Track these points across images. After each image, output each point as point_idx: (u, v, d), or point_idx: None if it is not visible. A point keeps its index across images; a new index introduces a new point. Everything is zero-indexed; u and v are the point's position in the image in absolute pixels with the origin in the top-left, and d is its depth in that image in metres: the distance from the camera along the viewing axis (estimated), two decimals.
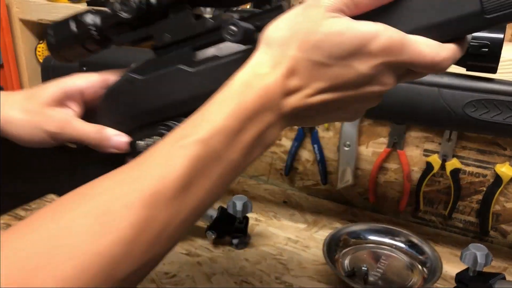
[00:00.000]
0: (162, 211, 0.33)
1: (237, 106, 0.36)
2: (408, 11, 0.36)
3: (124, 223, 0.31)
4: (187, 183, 0.34)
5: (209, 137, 0.35)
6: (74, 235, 0.30)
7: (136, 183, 0.33)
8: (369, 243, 0.86)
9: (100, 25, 0.46)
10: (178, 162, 0.34)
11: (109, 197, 0.33)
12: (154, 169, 0.34)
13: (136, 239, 0.32)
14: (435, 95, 0.63)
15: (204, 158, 0.34)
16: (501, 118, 0.60)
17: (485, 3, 0.34)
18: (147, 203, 0.32)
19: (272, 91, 0.36)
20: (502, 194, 0.88)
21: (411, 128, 0.92)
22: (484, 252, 0.68)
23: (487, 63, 0.56)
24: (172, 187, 0.33)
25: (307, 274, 0.80)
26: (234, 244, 0.86)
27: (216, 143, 0.35)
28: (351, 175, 0.97)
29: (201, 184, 0.35)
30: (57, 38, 0.47)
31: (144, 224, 0.32)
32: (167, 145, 0.36)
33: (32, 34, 1.19)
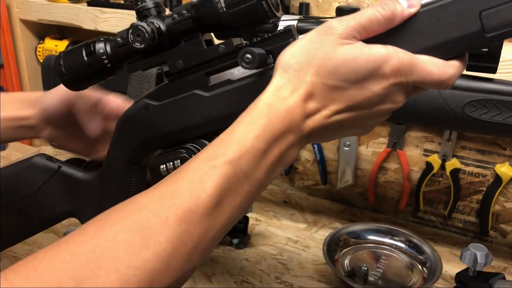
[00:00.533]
0: (196, 227, 0.35)
1: (263, 128, 0.38)
2: (414, 33, 0.39)
3: (162, 238, 0.33)
4: (218, 201, 0.36)
5: (238, 158, 0.37)
6: (117, 249, 0.32)
7: (171, 200, 0.35)
8: (369, 243, 0.86)
9: (111, 53, 0.47)
10: (210, 180, 0.36)
11: (146, 213, 0.34)
12: (188, 187, 0.36)
13: (173, 253, 0.34)
14: (434, 95, 0.63)
15: (234, 177, 0.37)
16: (501, 118, 0.60)
17: (485, 23, 0.36)
18: (182, 219, 0.34)
19: (294, 114, 0.38)
20: (502, 194, 0.88)
21: (411, 128, 0.92)
22: (484, 252, 0.69)
23: (487, 63, 0.56)
24: (205, 204, 0.35)
25: (307, 274, 0.80)
26: (234, 244, 0.86)
27: (244, 163, 0.37)
28: (351, 175, 0.97)
29: (230, 201, 0.37)
30: (68, 67, 0.48)
31: (179, 239, 0.34)
32: (198, 164, 0.37)
33: (32, 34, 1.19)
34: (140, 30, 0.43)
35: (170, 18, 0.45)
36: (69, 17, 1.05)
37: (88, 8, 1.02)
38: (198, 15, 0.44)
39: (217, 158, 0.37)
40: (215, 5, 0.42)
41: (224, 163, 0.36)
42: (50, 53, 1.16)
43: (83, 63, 0.47)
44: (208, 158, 0.37)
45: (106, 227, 0.34)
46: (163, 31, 0.45)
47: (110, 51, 0.47)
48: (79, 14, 1.03)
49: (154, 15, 0.45)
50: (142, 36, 0.44)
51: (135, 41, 0.44)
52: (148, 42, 0.44)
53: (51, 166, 0.55)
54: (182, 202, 0.35)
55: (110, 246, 0.32)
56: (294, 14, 0.94)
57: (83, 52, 0.47)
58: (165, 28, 0.45)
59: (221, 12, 0.42)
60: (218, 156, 0.37)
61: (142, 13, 0.46)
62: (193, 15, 0.44)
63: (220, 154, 0.37)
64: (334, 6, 0.87)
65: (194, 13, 0.44)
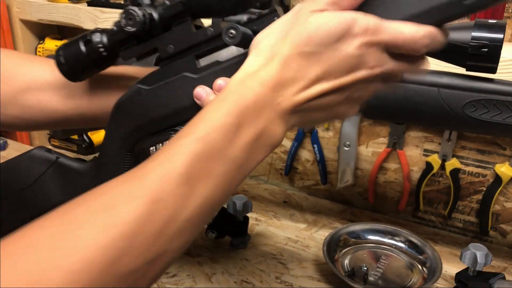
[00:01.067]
0: (164, 207, 0.34)
1: (234, 103, 0.37)
2: (391, 3, 0.39)
3: (127, 218, 0.32)
4: (189, 179, 0.35)
5: (207, 134, 0.36)
6: (79, 230, 0.32)
7: (139, 181, 0.35)
8: (369, 243, 0.86)
9: (107, 42, 0.48)
10: (179, 159, 0.35)
11: (113, 195, 0.34)
12: (156, 167, 0.35)
13: (138, 233, 0.32)
14: (434, 95, 0.63)
15: (204, 154, 0.36)
16: (501, 118, 0.60)
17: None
18: (150, 199, 0.33)
19: (267, 86, 0.38)
20: (502, 194, 0.88)
21: (411, 128, 0.93)
22: (484, 252, 0.69)
23: (487, 63, 0.56)
24: (174, 183, 0.34)
25: (307, 273, 0.80)
26: (234, 244, 0.86)
27: (215, 140, 0.36)
28: (351, 175, 0.97)
29: (204, 181, 0.36)
30: (67, 59, 0.50)
31: (146, 219, 0.33)
32: (168, 145, 0.37)
33: (32, 34, 1.19)
34: (131, 13, 0.45)
35: (162, 5, 0.46)
36: (69, 17, 1.05)
37: (88, 8, 1.02)
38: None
39: (186, 136, 0.36)
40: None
41: (194, 141, 0.36)
42: (50, 53, 1.16)
43: (81, 53, 0.49)
44: (178, 138, 0.37)
45: (71, 210, 0.33)
46: (155, 18, 0.46)
47: (106, 40, 0.48)
48: (79, 14, 1.03)
49: (146, 3, 0.47)
50: (133, 19, 0.45)
51: (127, 25, 0.45)
52: (140, 26, 0.45)
53: (49, 157, 0.55)
54: (150, 182, 0.34)
55: (73, 228, 0.32)
56: None
57: (81, 42, 0.49)
58: (157, 15, 0.46)
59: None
60: (187, 134, 0.36)
61: (135, 1, 0.47)
62: (184, 0, 0.45)
63: (189, 132, 0.37)
64: None
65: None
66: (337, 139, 0.99)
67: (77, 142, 1.19)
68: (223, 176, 0.37)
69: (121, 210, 0.33)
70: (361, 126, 0.96)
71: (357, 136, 0.95)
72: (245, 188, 1.10)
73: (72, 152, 1.19)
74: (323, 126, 1.00)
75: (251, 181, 1.13)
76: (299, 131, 1.02)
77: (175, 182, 0.34)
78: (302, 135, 1.03)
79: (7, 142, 1.19)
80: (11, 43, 1.17)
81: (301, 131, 1.02)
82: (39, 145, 1.31)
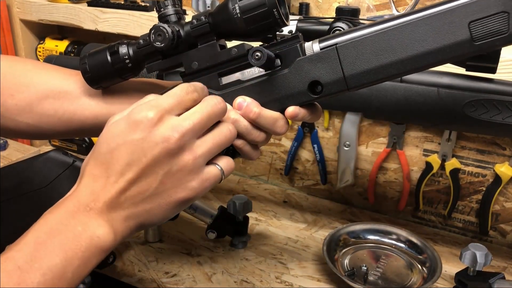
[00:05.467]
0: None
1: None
2: (410, 40, 0.42)
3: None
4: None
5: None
6: None
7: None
8: (369, 242, 0.86)
9: (133, 55, 0.51)
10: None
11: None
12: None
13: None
14: (434, 95, 0.63)
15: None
16: (500, 118, 0.60)
17: (474, 31, 0.40)
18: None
19: (77, 197, 0.43)
20: (502, 194, 0.89)
21: (411, 128, 0.93)
22: (484, 252, 0.69)
23: (487, 64, 0.56)
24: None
25: (307, 273, 0.80)
26: (234, 244, 0.86)
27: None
28: (351, 175, 0.97)
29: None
30: (92, 67, 0.52)
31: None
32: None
33: (32, 34, 1.19)
34: (161, 30, 0.47)
35: (189, 23, 0.49)
36: (70, 17, 1.05)
37: (88, 8, 1.02)
38: (215, 21, 0.48)
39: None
40: (231, 11, 0.46)
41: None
42: (50, 53, 1.16)
43: (107, 63, 0.51)
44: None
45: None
46: (182, 35, 0.49)
47: (132, 53, 0.51)
48: (80, 14, 1.03)
49: (174, 21, 0.49)
50: (163, 36, 0.47)
51: (156, 41, 0.47)
52: (168, 42, 0.47)
53: (66, 160, 0.57)
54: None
55: None
56: (294, 14, 0.94)
57: (107, 52, 0.51)
58: (183, 33, 0.49)
59: (235, 17, 0.46)
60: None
61: (164, 19, 0.50)
62: (210, 21, 0.48)
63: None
64: (334, 6, 0.87)
65: (211, 19, 0.48)
66: (337, 139, 0.99)
67: (77, 142, 1.19)
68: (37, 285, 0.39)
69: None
70: (361, 126, 0.96)
71: (357, 136, 0.95)
72: (245, 188, 1.10)
73: (72, 152, 1.19)
74: (323, 126, 1.00)
75: (251, 181, 1.13)
76: (299, 131, 1.02)
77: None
78: (302, 135, 1.03)
79: (7, 142, 1.19)
80: (11, 43, 1.17)
81: (301, 131, 1.02)
82: (39, 145, 1.31)
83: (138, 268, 0.80)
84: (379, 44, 0.43)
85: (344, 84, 0.45)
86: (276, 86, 0.47)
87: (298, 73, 0.46)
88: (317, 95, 0.46)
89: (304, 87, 0.46)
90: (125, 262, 0.81)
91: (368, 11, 0.86)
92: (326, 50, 0.45)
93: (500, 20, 0.39)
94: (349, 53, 0.44)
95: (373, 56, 0.43)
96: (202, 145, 0.43)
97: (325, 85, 0.46)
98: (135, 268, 0.80)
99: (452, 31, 0.40)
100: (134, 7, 0.97)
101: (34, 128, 0.57)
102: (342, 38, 0.45)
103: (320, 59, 0.45)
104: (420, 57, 0.42)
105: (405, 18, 0.42)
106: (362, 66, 0.44)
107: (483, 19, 0.40)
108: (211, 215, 0.83)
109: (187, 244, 0.86)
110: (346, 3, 0.90)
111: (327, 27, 0.60)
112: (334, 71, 0.45)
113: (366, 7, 0.86)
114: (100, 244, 0.42)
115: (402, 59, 0.42)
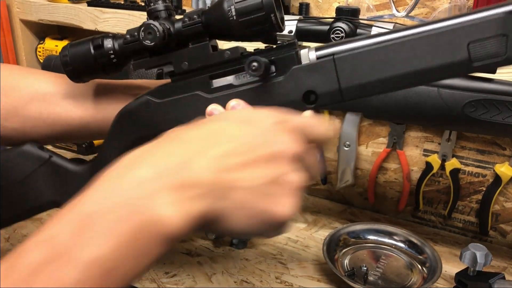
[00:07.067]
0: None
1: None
2: (409, 56, 0.41)
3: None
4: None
5: (51, 237, 0.31)
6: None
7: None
8: (369, 242, 0.86)
9: (119, 50, 0.48)
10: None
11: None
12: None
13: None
14: (434, 95, 0.63)
15: (49, 259, 0.30)
16: (501, 118, 0.60)
17: (472, 52, 0.40)
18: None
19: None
20: (502, 194, 0.88)
21: (411, 128, 0.93)
22: (484, 252, 0.69)
23: None
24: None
25: (307, 273, 0.80)
26: (234, 244, 0.86)
27: (62, 242, 0.31)
28: (351, 175, 0.97)
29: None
30: (74, 60, 0.49)
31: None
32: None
33: (32, 34, 1.19)
34: (152, 28, 0.45)
35: (181, 21, 0.47)
36: (69, 17, 1.05)
37: (88, 8, 1.02)
38: (208, 21, 0.46)
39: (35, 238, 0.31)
40: (226, 13, 0.44)
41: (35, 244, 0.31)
42: (50, 53, 1.16)
43: (90, 56, 0.49)
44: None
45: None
46: (172, 32, 0.47)
47: (118, 47, 0.48)
48: (79, 14, 1.03)
49: (164, 17, 0.47)
50: (153, 34, 0.45)
51: (146, 39, 0.45)
52: (158, 41, 0.45)
53: (42, 155, 0.54)
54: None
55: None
56: (294, 14, 0.94)
57: (91, 45, 0.49)
58: (174, 30, 0.47)
59: (231, 20, 0.44)
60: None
61: (153, 15, 0.48)
62: (203, 20, 0.46)
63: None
64: (334, 6, 0.87)
65: (205, 18, 0.46)
66: (337, 139, 0.99)
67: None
68: (75, 285, 0.29)
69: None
70: (361, 126, 0.96)
71: (357, 136, 0.95)
72: None
73: (72, 152, 1.19)
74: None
75: None
76: None
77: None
78: None
79: None
80: (11, 43, 1.17)
81: None
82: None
83: None
84: (378, 58, 0.42)
85: (340, 96, 0.44)
86: (270, 93, 0.45)
87: (293, 82, 0.45)
88: (311, 105, 0.45)
89: (299, 96, 0.45)
90: None
91: (368, 11, 0.86)
92: (323, 60, 0.44)
93: (499, 43, 0.39)
94: (346, 65, 0.43)
95: (370, 70, 0.43)
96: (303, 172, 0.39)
97: (320, 96, 0.44)
98: None
99: (451, 50, 0.40)
100: (134, 7, 0.97)
101: (20, 133, 0.55)
102: (340, 48, 0.44)
103: (317, 69, 0.44)
104: (417, 74, 0.42)
105: (405, 33, 0.42)
106: (359, 79, 0.43)
107: (482, 40, 0.40)
108: None
109: (187, 244, 0.86)
110: (346, 3, 0.90)
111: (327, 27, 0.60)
112: (330, 83, 0.44)
113: (366, 7, 0.86)
114: (165, 229, 0.32)
115: (399, 75, 0.42)
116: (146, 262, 0.32)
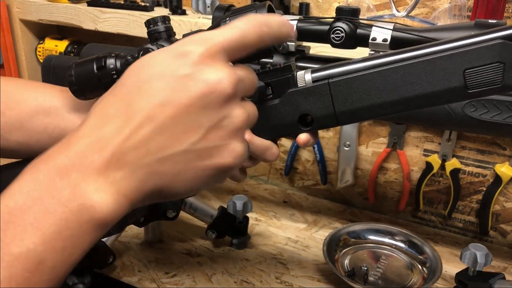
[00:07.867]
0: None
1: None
2: (403, 82, 0.41)
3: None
4: None
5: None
6: None
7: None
8: (369, 243, 0.86)
9: (120, 69, 0.49)
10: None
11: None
12: None
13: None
14: None
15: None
16: (501, 118, 0.60)
17: (468, 79, 0.40)
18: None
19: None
20: (502, 194, 0.88)
21: (411, 128, 0.93)
22: (484, 252, 0.69)
23: None
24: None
25: (307, 273, 0.80)
26: (234, 244, 0.86)
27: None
28: (351, 175, 0.97)
29: None
30: (79, 80, 0.51)
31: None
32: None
33: (32, 34, 1.19)
34: (149, 51, 0.47)
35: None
36: (69, 17, 1.05)
37: (88, 8, 1.02)
38: None
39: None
40: None
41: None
42: (50, 53, 1.16)
43: (93, 76, 0.50)
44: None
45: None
46: None
47: (120, 67, 0.49)
48: (79, 14, 1.03)
49: (164, 38, 0.49)
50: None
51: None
52: None
53: None
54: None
55: None
56: (294, 14, 0.94)
57: (94, 65, 0.50)
58: None
59: None
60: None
61: (153, 36, 0.49)
62: None
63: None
64: (334, 6, 0.87)
65: None
66: (337, 139, 0.99)
67: None
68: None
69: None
70: (361, 126, 0.96)
71: (357, 136, 0.95)
72: (245, 188, 1.10)
73: None
74: None
75: (251, 181, 1.13)
76: None
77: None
78: None
79: None
80: (11, 43, 1.17)
81: None
82: None
83: (138, 268, 0.80)
84: (373, 84, 0.42)
85: (335, 119, 0.44)
86: (266, 115, 0.45)
87: (289, 105, 0.45)
88: (306, 127, 0.45)
89: (294, 119, 0.45)
90: (125, 262, 0.81)
91: (368, 11, 0.86)
92: (318, 84, 0.44)
93: (496, 71, 0.39)
94: (341, 90, 0.43)
95: (365, 95, 0.43)
96: (247, 105, 0.36)
97: (315, 119, 0.45)
98: (135, 268, 0.80)
99: (447, 77, 0.40)
100: (134, 7, 0.97)
101: (25, 146, 0.55)
102: (335, 71, 0.44)
103: (312, 93, 0.44)
104: (412, 100, 0.41)
105: (401, 56, 0.42)
106: (353, 104, 0.43)
107: (478, 67, 0.39)
108: (211, 215, 0.83)
109: (187, 244, 0.86)
110: (346, 3, 0.90)
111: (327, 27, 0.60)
112: (325, 107, 0.44)
113: (366, 7, 0.86)
114: (96, 215, 0.31)
115: (394, 101, 0.42)
116: (76, 252, 0.31)
